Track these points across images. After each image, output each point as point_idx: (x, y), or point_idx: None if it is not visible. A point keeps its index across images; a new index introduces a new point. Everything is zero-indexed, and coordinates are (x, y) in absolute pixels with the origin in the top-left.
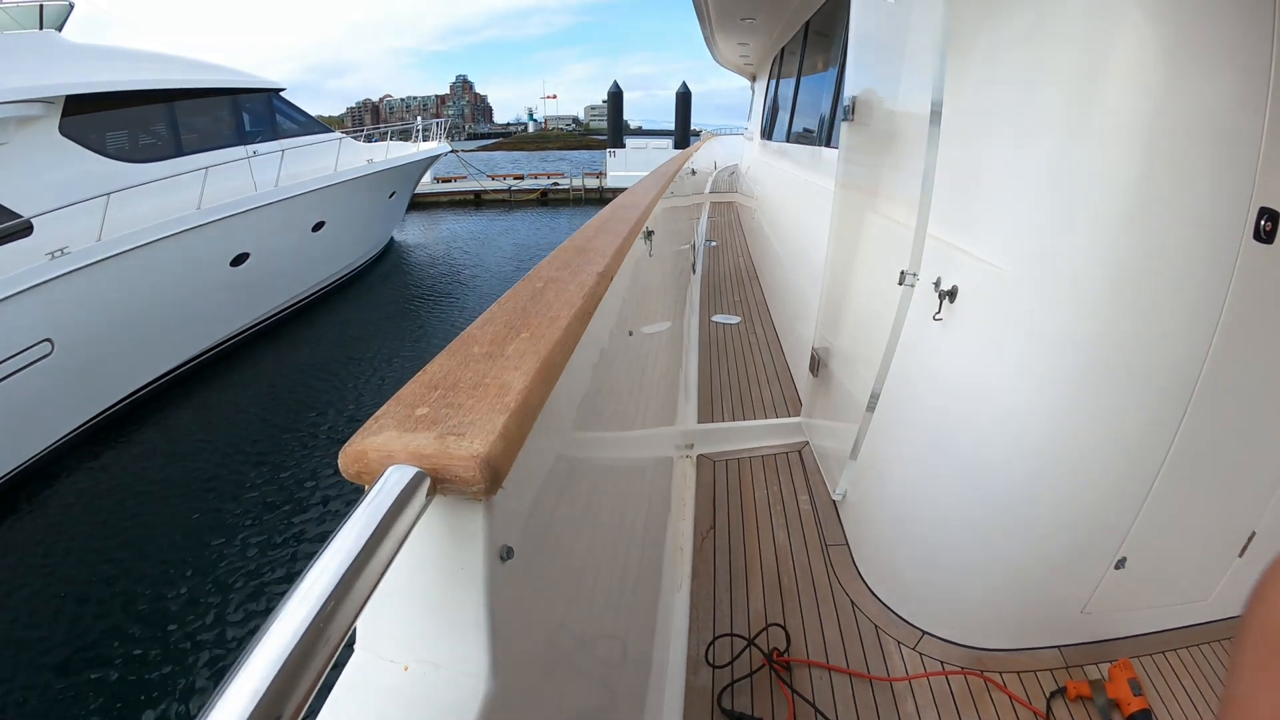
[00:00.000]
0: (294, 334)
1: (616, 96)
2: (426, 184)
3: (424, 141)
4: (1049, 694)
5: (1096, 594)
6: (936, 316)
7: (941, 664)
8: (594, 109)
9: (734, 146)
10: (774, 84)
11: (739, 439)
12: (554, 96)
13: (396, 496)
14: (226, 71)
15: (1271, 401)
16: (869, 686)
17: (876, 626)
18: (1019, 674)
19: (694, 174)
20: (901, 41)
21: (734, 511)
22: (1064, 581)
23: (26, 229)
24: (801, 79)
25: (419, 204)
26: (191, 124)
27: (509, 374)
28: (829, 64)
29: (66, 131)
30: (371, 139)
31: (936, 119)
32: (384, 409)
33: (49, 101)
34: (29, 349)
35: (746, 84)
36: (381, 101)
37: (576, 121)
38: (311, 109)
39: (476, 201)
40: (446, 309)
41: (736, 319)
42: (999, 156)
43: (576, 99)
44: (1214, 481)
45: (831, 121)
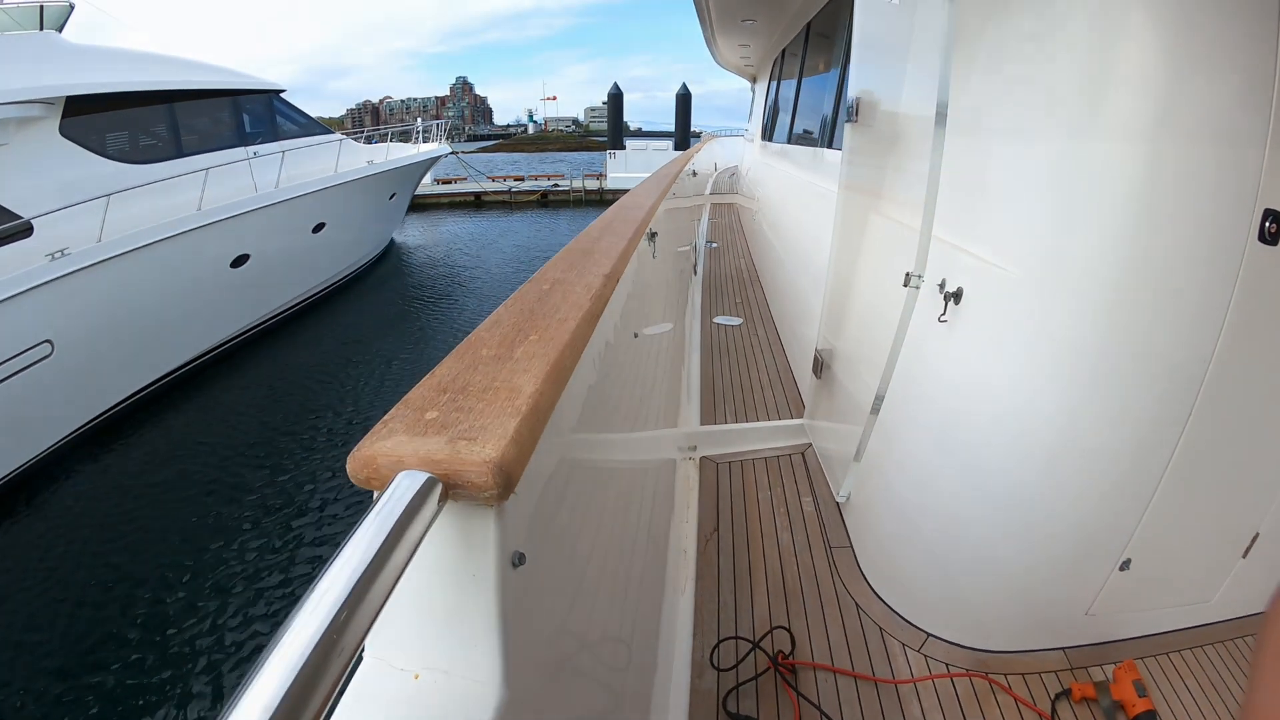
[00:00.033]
0: (294, 336)
1: (616, 98)
2: (427, 185)
3: (424, 143)
4: (1054, 696)
5: (1101, 595)
6: (941, 318)
7: (946, 666)
8: (594, 110)
9: (734, 148)
10: (775, 85)
11: (742, 441)
12: (554, 98)
13: (408, 504)
14: (227, 73)
15: (1275, 403)
16: (874, 689)
17: (881, 629)
18: (1024, 676)
19: (695, 175)
20: (905, 43)
21: (737, 514)
22: (1069, 583)
23: (27, 230)
24: (803, 80)
25: (419, 205)
26: (192, 125)
27: (519, 377)
28: (830, 65)
29: (67, 132)
30: (372, 140)
31: (941, 120)
32: (392, 413)
33: (49, 102)
34: (29, 350)
35: (746, 85)
36: (382, 103)
37: (576, 123)
38: (312, 110)
39: (477, 203)
40: (447, 310)
41: (738, 320)
42: (1004, 158)
43: (576, 100)
44: (1218, 482)
45: (833, 123)
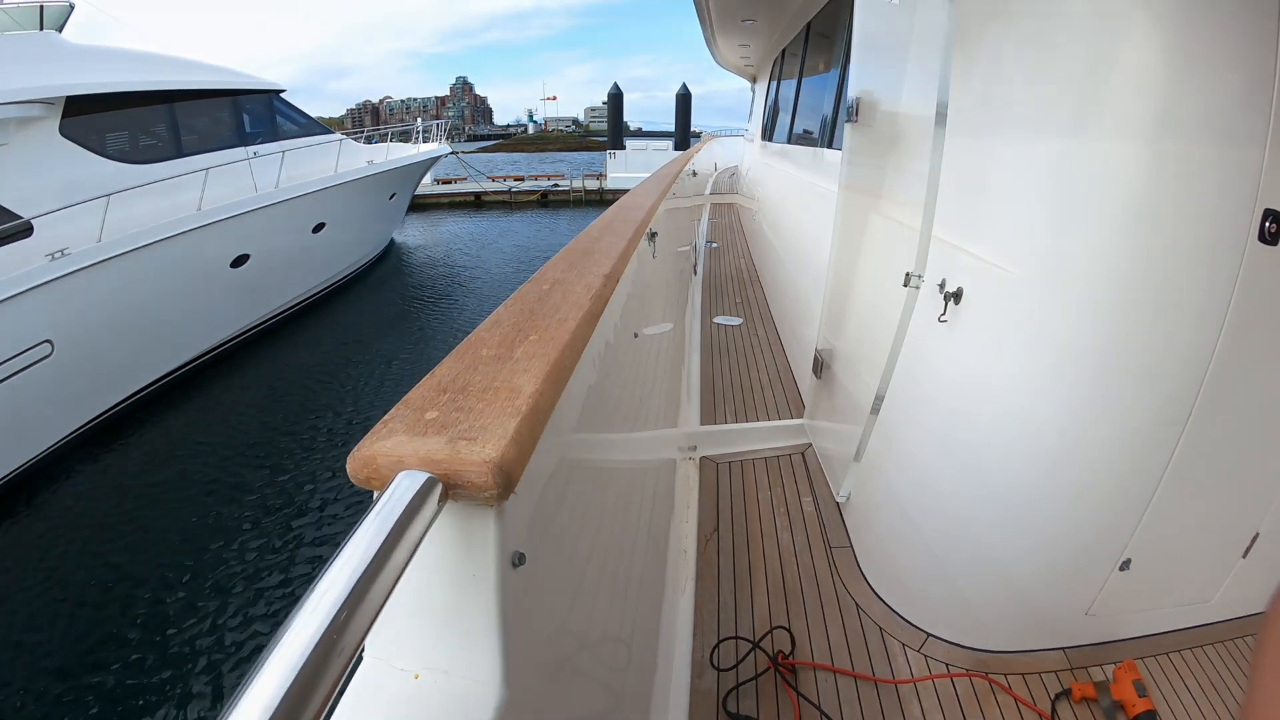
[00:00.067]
0: (294, 336)
1: (616, 98)
2: (427, 185)
3: (424, 143)
4: (1054, 696)
5: (1101, 596)
6: (941, 318)
7: (946, 666)
8: (594, 111)
9: (734, 148)
10: (775, 85)
11: (742, 441)
12: (554, 98)
13: (408, 503)
14: (227, 73)
15: (1275, 403)
16: (874, 689)
17: (881, 629)
18: (1024, 676)
19: (695, 175)
20: (906, 43)
21: (737, 514)
22: (1069, 583)
23: (27, 230)
24: (803, 80)
25: (419, 205)
26: (192, 125)
27: (519, 377)
28: (830, 65)
29: (67, 132)
30: (372, 140)
31: (942, 120)
32: (392, 413)
33: (49, 102)
34: (29, 350)
35: (746, 85)
36: (382, 103)
37: (576, 123)
38: (312, 110)
39: (477, 203)
40: (447, 311)
41: (738, 320)
42: (1004, 158)
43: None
44: (1218, 483)
45: (834, 123)
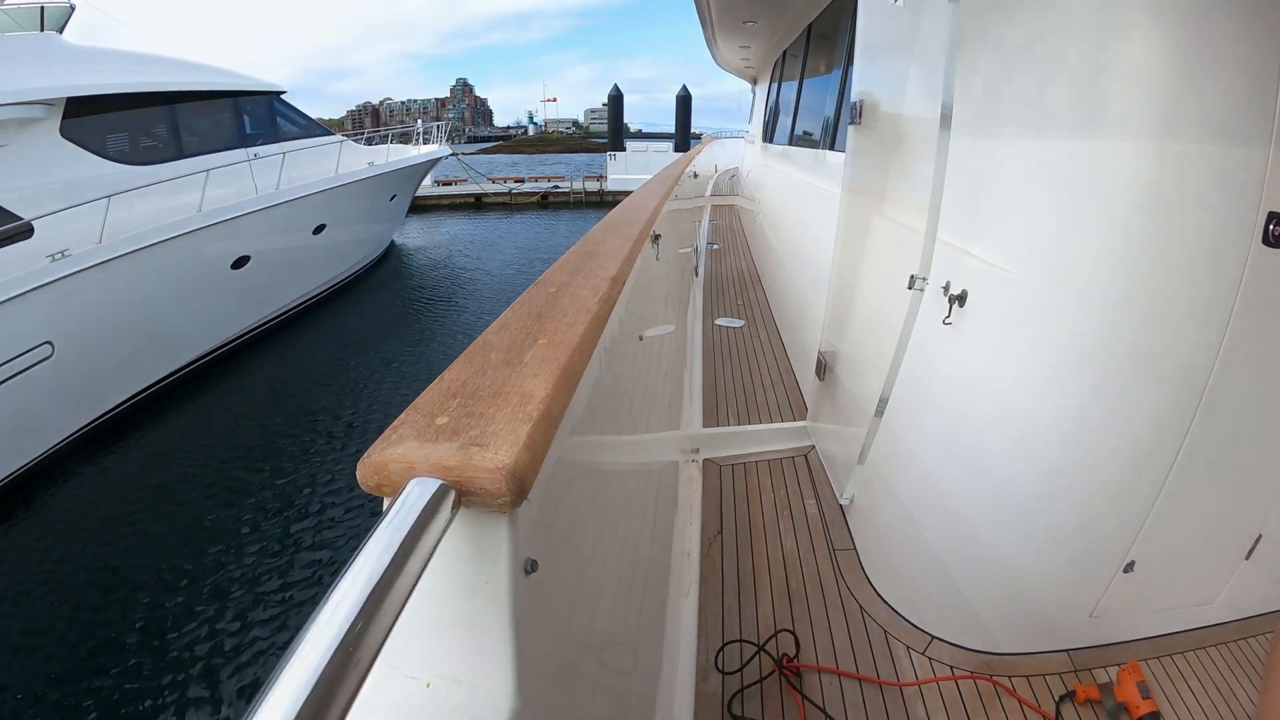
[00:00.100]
0: (295, 337)
1: (617, 100)
2: (427, 187)
3: (424, 144)
4: (1058, 698)
5: (1105, 598)
6: (945, 321)
7: (951, 669)
8: (594, 112)
9: (734, 149)
10: (776, 87)
11: (745, 443)
12: (554, 100)
13: (421, 511)
14: (227, 74)
15: (1278, 405)
16: (879, 692)
17: (885, 631)
18: (1028, 678)
19: (695, 177)
20: (909, 45)
21: (741, 516)
22: (1073, 585)
23: (27, 231)
24: (804, 82)
25: (419, 207)
26: (192, 126)
27: (529, 382)
28: (832, 67)
29: (67, 134)
30: (372, 142)
31: (946, 122)
32: (402, 418)
33: (50, 104)
34: (29, 351)
35: (746, 87)
36: (382, 104)
37: (576, 124)
38: (312, 112)
39: (477, 204)
40: (447, 312)
41: (740, 322)
42: (1008, 159)
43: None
44: (1222, 484)
45: (835, 125)
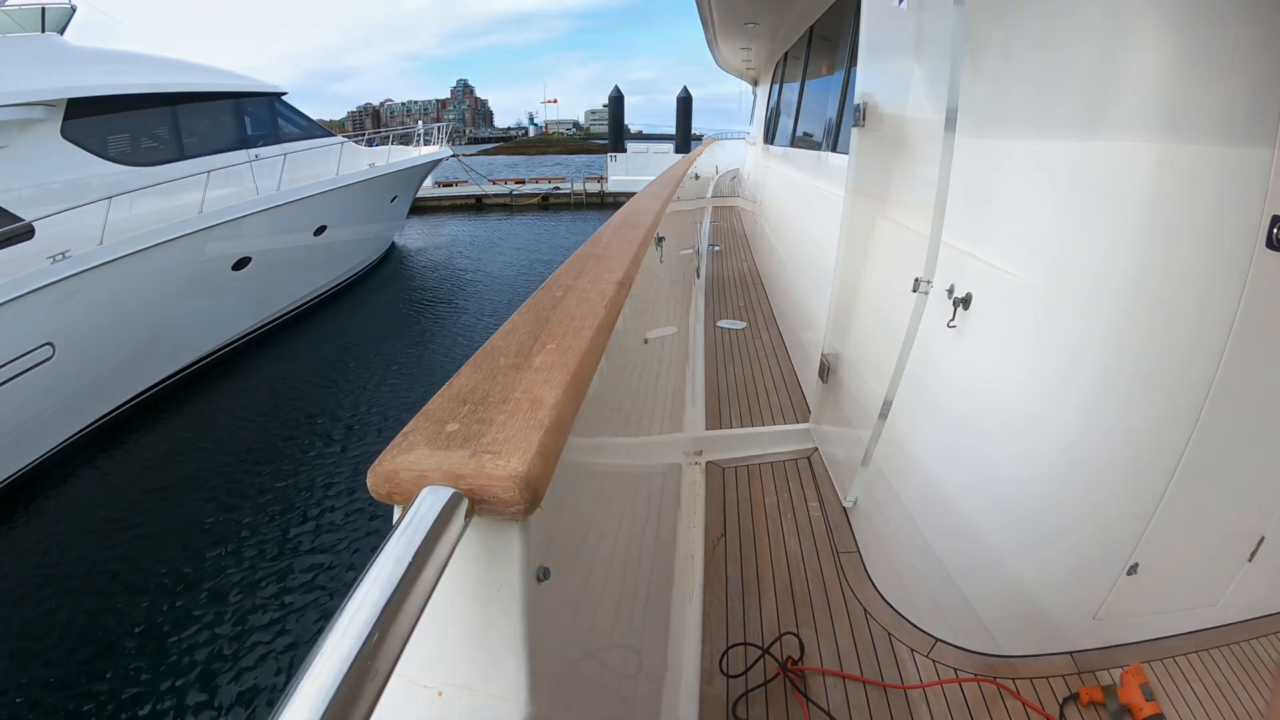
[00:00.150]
0: (295, 339)
1: (617, 101)
2: (428, 188)
3: (425, 146)
4: (1061, 700)
5: (1108, 600)
6: (950, 324)
7: (955, 671)
8: (595, 113)
9: (735, 151)
10: (777, 89)
11: (748, 445)
12: (555, 101)
13: (434, 520)
14: (228, 75)
15: None
16: (883, 694)
17: (889, 634)
18: (1032, 680)
19: (697, 179)
20: (913, 46)
21: (744, 519)
22: (1077, 588)
23: (28, 232)
24: (806, 84)
25: (420, 208)
26: (193, 128)
27: (539, 388)
28: (834, 68)
29: (68, 135)
30: (373, 143)
31: (951, 124)
32: (412, 424)
33: (51, 104)
34: (30, 353)
35: (747, 88)
36: (382, 106)
37: (577, 126)
38: (313, 113)
39: (478, 206)
40: (448, 314)
41: (742, 324)
42: (1012, 162)
43: (577, 103)
44: (1225, 487)
45: (838, 126)
